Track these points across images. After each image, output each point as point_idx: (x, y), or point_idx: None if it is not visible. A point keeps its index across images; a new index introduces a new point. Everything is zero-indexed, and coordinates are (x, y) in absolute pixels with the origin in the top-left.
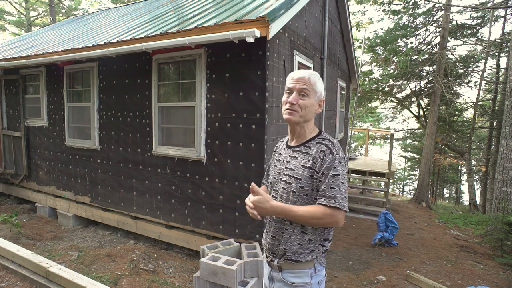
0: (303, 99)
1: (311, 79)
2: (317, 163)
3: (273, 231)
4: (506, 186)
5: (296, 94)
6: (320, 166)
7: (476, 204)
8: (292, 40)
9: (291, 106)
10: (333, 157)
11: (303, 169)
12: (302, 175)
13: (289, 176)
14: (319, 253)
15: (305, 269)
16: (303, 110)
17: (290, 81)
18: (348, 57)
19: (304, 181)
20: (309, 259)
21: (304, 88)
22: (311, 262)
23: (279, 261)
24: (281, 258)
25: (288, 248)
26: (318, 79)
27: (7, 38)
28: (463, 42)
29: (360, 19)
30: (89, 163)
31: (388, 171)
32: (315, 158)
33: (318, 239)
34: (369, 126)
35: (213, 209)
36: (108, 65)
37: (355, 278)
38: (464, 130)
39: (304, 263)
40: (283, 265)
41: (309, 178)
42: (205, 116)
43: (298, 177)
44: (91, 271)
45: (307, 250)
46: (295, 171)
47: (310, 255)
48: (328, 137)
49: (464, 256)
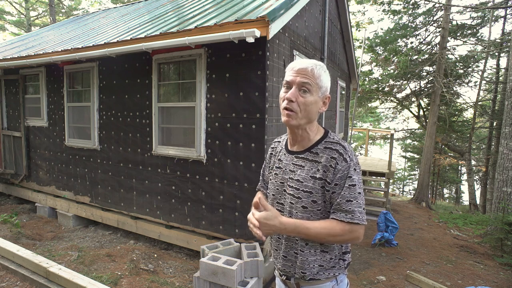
0: (304, 95)
1: (314, 71)
2: (328, 172)
3: (284, 251)
4: (506, 186)
5: (295, 89)
6: (333, 176)
7: (476, 204)
8: (292, 40)
9: (289, 104)
10: (347, 165)
11: (313, 181)
12: (312, 187)
13: (297, 189)
14: (341, 268)
15: (326, 283)
16: (304, 110)
17: (290, 72)
18: (348, 57)
19: (315, 194)
20: (330, 276)
21: (305, 82)
22: (332, 277)
23: (296, 279)
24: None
25: (307, 271)
26: (323, 71)
27: (7, 38)
28: (463, 42)
29: (360, 19)
30: (89, 163)
31: (388, 171)
32: (326, 167)
33: (337, 253)
34: (369, 126)
35: (213, 209)
36: (108, 65)
37: (355, 278)
38: (464, 130)
39: (323, 280)
40: (301, 283)
41: (321, 190)
42: (205, 116)
43: (308, 191)
44: (91, 271)
45: (328, 267)
46: (303, 183)
47: (331, 272)
48: (337, 140)
49: (464, 256)
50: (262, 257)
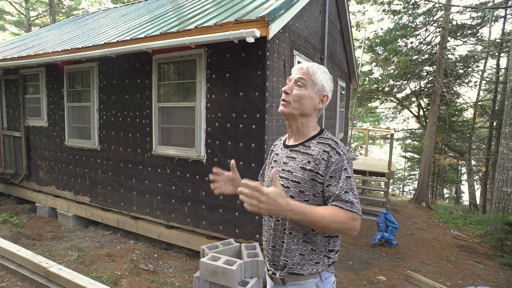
0: (298, 89)
1: (310, 70)
2: (320, 165)
3: (273, 241)
4: (506, 186)
5: (292, 84)
6: (325, 168)
7: (476, 204)
8: (292, 40)
9: (285, 95)
10: (340, 158)
11: (302, 172)
12: (301, 178)
13: (286, 179)
14: (325, 265)
15: (309, 279)
16: (297, 101)
17: (292, 73)
18: (348, 57)
19: (303, 184)
20: (313, 273)
21: (301, 77)
22: (316, 273)
23: (281, 273)
24: (283, 270)
25: (289, 260)
26: (320, 71)
27: (7, 38)
28: (463, 42)
29: (360, 19)
30: (89, 163)
31: (388, 171)
32: (317, 159)
33: (323, 249)
34: (369, 126)
35: (213, 209)
36: (108, 65)
37: (355, 278)
38: (464, 130)
39: (307, 276)
40: (286, 278)
41: (310, 182)
42: (205, 116)
43: (296, 180)
44: (91, 271)
45: (311, 262)
46: (293, 174)
47: (314, 267)
48: (330, 136)
49: (464, 256)
50: (262, 257)
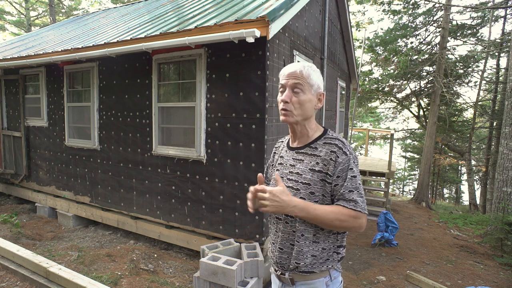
0: (297, 96)
1: (303, 72)
2: (329, 165)
3: (280, 243)
4: (506, 186)
5: (289, 91)
6: (334, 168)
7: (476, 204)
8: (292, 40)
9: (285, 105)
10: (347, 158)
11: (311, 173)
12: (311, 179)
13: (296, 181)
14: (334, 261)
15: (320, 278)
16: (299, 108)
17: (282, 77)
18: (348, 57)
19: (314, 186)
20: (324, 269)
21: (296, 83)
22: (326, 271)
23: (291, 273)
24: (293, 271)
25: (301, 262)
26: (312, 71)
27: (7, 38)
28: (463, 42)
29: (360, 19)
30: (89, 163)
31: (388, 171)
32: (326, 160)
33: (332, 246)
34: (369, 126)
35: (213, 209)
36: (108, 65)
37: (355, 278)
38: (464, 130)
39: (318, 274)
40: (295, 277)
41: (320, 183)
42: (205, 116)
43: (306, 182)
44: (91, 271)
45: (321, 259)
46: (302, 176)
47: (324, 264)
48: (336, 136)
49: (464, 256)
50: (262, 257)
